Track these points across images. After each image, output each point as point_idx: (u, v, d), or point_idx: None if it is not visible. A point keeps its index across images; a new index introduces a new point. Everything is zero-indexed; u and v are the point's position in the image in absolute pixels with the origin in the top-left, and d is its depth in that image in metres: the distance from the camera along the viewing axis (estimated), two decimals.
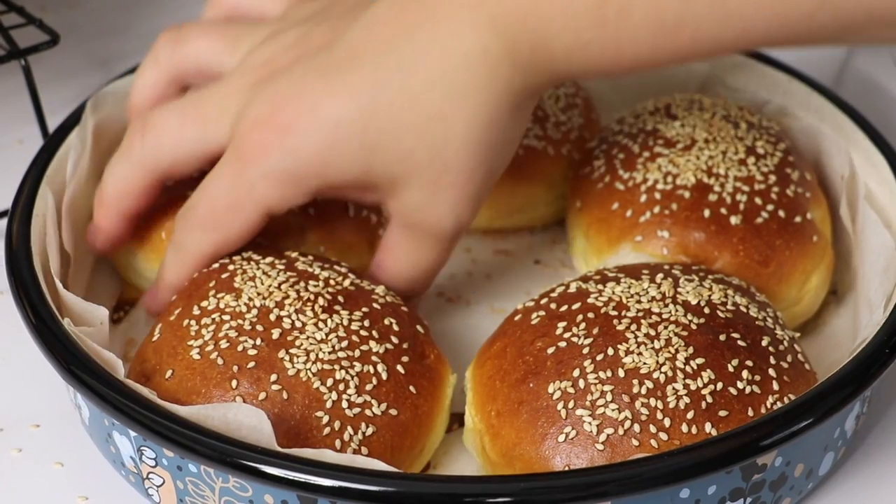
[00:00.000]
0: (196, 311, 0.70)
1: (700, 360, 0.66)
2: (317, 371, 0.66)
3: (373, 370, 0.68)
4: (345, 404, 0.66)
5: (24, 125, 0.92)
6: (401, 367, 0.68)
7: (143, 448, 0.66)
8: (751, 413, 0.65)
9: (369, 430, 0.66)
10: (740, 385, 0.66)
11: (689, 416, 0.64)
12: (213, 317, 0.69)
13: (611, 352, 0.67)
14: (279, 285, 0.70)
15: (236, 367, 0.66)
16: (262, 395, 0.66)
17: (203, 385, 0.66)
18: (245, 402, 0.65)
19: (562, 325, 0.69)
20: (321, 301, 0.69)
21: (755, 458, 0.63)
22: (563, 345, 0.68)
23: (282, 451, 0.62)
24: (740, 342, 0.67)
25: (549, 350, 0.68)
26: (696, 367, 0.66)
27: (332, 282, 0.71)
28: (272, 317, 0.68)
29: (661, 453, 0.61)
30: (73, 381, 0.66)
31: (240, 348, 0.67)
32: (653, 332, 0.67)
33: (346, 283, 0.71)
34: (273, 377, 0.66)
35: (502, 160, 0.71)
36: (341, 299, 0.70)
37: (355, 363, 0.67)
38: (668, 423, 0.64)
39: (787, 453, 0.65)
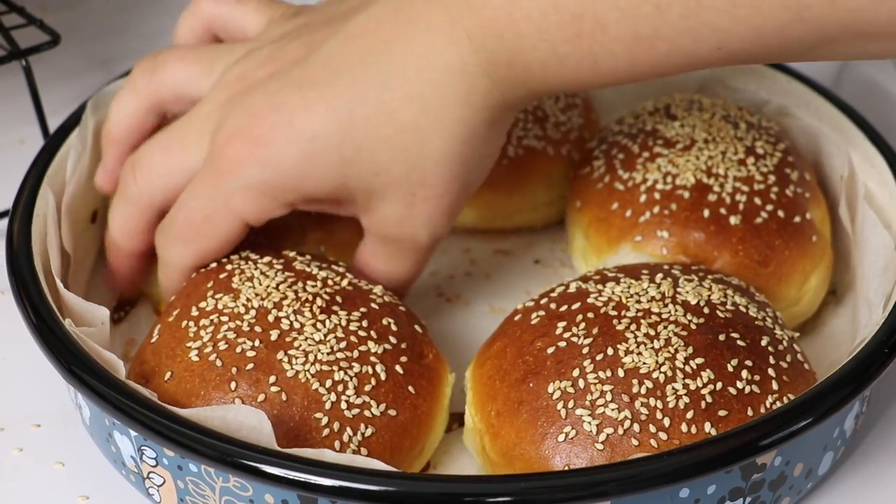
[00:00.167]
0: (194, 312, 0.70)
1: (699, 360, 0.66)
2: (315, 372, 0.66)
3: (371, 371, 0.68)
4: (344, 405, 0.66)
5: (24, 125, 0.92)
6: (399, 368, 0.68)
7: (143, 448, 0.66)
8: (750, 413, 0.65)
9: (368, 431, 0.66)
10: (740, 385, 0.66)
11: (689, 415, 0.64)
12: (211, 318, 0.69)
13: (610, 351, 0.67)
14: (277, 285, 0.70)
15: (235, 369, 0.66)
16: (261, 397, 0.66)
17: (202, 387, 0.66)
18: (244, 404, 0.65)
19: (561, 324, 0.69)
20: (319, 302, 0.69)
21: (755, 458, 0.63)
22: (562, 345, 0.68)
23: (282, 451, 0.62)
24: (740, 342, 0.67)
25: (549, 350, 0.68)
26: (695, 367, 0.66)
27: (329, 282, 0.71)
28: (270, 318, 0.68)
29: (660, 453, 0.61)
30: (73, 381, 0.66)
31: (238, 350, 0.67)
32: (652, 332, 0.67)
33: (344, 283, 0.71)
34: (272, 379, 0.66)
35: (479, 174, 0.71)
36: (339, 299, 0.70)
37: (354, 364, 0.67)
38: (667, 422, 0.64)
39: (787, 453, 0.65)
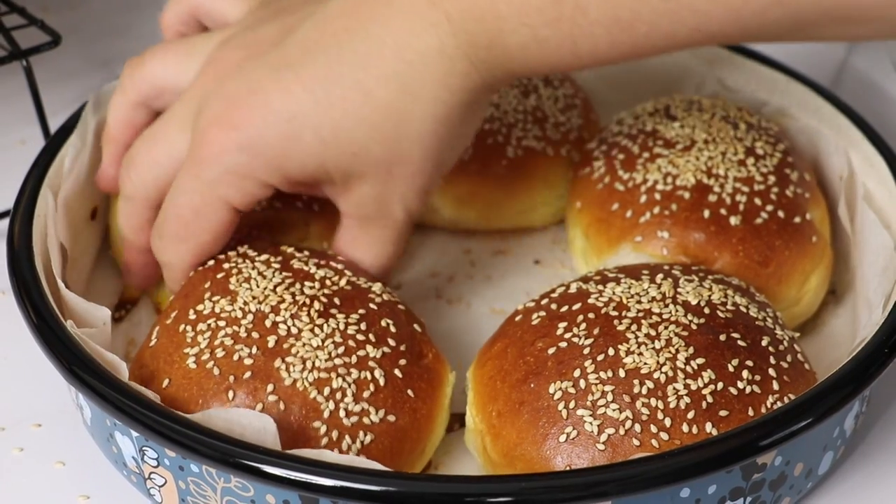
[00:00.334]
0: (191, 315, 0.69)
1: (700, 361, 0.66)
2: (313, 380, 0.66)
3: (370, 376, 0.67)
4: (342, 413, 0.66)
5: (25, 126, 0.92)
6: (398, 371, 0.68)
7: (144, 448, 0.66)
8: (751, 413, 0.65)
9: (367, 439, 0.66)
10: (740, 385, 0.66)
11: (690, 415, 0.65)
12: (208, 322, 0.68)
13: (611, 352, 0.67)
14: (275, 287, 0.69)
15: (232, 378, 0.66)
16: (259, 407, 0.65)
17: (200, 395, 0.66)
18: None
19: (562, 325, 0.69)
20: (317, 305, 0.69)
21: (755, 458, 0.63)
22: (563, 345, 0.68)
23: (283, 452, 0.62)
24: (740, 342, 0.67)
25: (550, 350, 0.68)
26: (696, 367, 0.66)
27: (328, 282, 0.71)
28: (268, 323, 0.68)
29: (661, 453, 0.61)
30: (75, 381, 0.66)
31: (235, 357, 0.67)
32: (653, 333, 0.67)
33: (342, 282, 0.71)
34: (269, 388, 0.66)
35: (454, 154, 0.71)
36: (337, 301, 0.70)
37: (352, 370, 0.67)
38: (668, 422, 0.64)
39: (787, 453, 0.65)
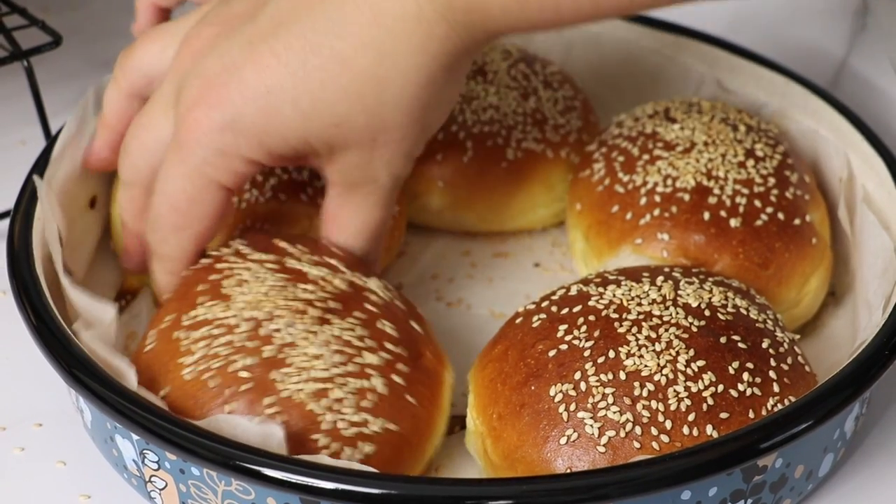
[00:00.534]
0: (186, 321, 0.68)
1: (701, 363, 0.66)
2: (311, 391, 0.65)
3: (368, 384, 0.66)
4: (341, 424, 0.65)
5: (26, 126, 0.92)
6: (397, 377, 0.67)
7: (145, 451, 0.66)
8: (751, 415, 0.65)
9: (368, 449, 0.65)
10: (741, 387, 0.66)
11: (691, 418, 0.65)
12: (202, 330, 0.67)
13: (612, 354, 0.67)
14: (269, 291, 0.68)
15: (229, 391, 0.65)
16: (257, 420, 0.64)
17: (197, 408, 0.65)
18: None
19: (563, 327, 0.69)
20: (312, 311, 0.68)
21: (756, 460, 0.63)
22: (564, 347, 0.68)
23: (284, 455, 0.62)
24: (741, 344, 0.68)
25: (551, 353, 0.68)
26: (696, 370, 0.66)
27: (323, 282, 0.70)
28: (263, 331, 0.67)
29: (662, 455, 0.61)
30: (74, 384, 0.65)
31: (231, 369, 0.66)
32: (654, 335, 0.67)
33: (338, 281, 0.70)
34: (267, 400, 0.65)
35: (438, 117, 0.71)
36: (333, 305, 0.69)
37: (350, 379, 0.66)
38: (669, 425, 0.64)
39: (788, 455, 0.65)
